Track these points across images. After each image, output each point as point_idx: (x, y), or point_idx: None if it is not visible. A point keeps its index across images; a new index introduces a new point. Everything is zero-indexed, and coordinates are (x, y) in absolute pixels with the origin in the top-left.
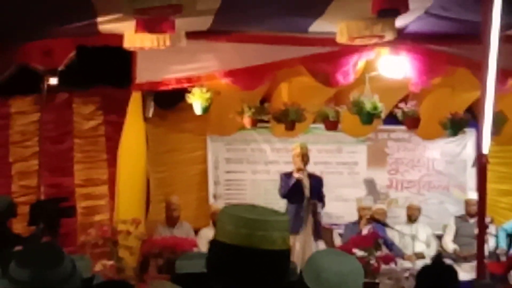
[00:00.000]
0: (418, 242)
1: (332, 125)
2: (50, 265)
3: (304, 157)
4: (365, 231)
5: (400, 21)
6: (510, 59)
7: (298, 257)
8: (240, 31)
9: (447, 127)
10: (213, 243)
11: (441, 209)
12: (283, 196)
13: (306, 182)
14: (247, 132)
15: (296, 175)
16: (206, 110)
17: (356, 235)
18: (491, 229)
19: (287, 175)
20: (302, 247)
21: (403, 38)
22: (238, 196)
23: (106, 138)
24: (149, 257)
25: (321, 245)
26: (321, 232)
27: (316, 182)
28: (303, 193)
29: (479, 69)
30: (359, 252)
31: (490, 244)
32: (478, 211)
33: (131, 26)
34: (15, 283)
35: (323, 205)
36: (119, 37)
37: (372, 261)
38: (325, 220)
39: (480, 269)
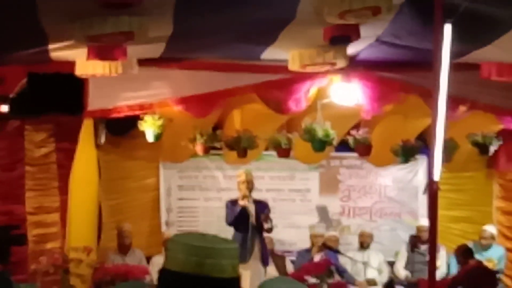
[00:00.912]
0: (370, 269)
1: (284, 152)
2: None
3: (249, 184)
4: (317, 258)
5: (351, 49)
6: (460, 86)
7: (246, 285)
8: (192, 58)
9: (398, 154)
10: (162, 272)
11: (393, 236)
12: (229, 224)
13: (252, 210)
14: (200, 159)
15: (241, 202)
16: (158, 137)
17: (308, 262)
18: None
19: (232, 203)
20: (251, 275)
21: (355, 66)
22: (190, 223)
23: (58, 166)
24: (101, 285)
25: (273, 271)
26: (268, 258)
27: (261, 207)
28: (249, 221)
29: (430, 96)
30: (311, 279)
31: (442, 270)
32: (430, 238)
33: (83, 53)
34: None
35: (271, 225)
36: (71, 64)
37: None
38: (277, 247)
39: None
